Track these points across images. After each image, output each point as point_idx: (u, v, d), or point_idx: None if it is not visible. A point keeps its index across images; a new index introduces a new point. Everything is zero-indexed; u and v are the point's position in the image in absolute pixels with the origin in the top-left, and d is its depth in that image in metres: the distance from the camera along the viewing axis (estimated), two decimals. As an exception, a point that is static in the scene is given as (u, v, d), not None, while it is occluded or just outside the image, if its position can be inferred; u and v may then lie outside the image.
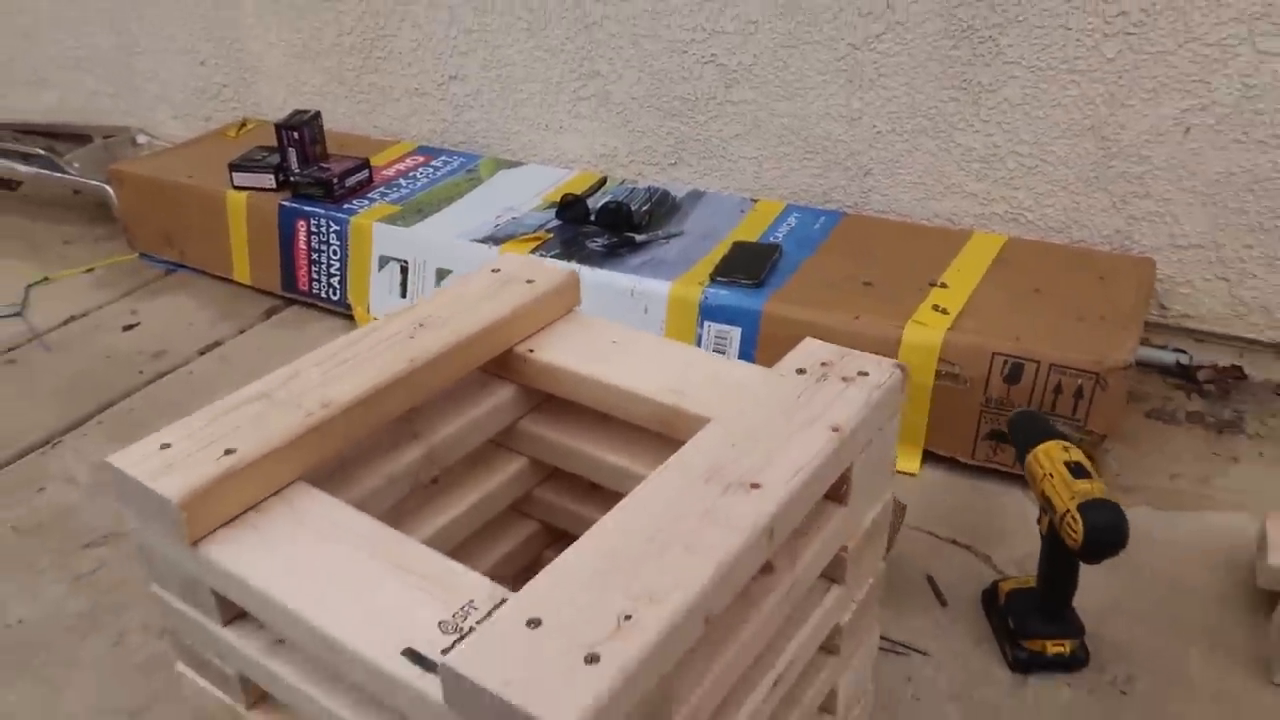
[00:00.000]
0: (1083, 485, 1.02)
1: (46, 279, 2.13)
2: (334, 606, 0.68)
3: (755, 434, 0.77)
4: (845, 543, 0.85)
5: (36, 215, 2.47)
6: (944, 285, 1.53)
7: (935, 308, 1.47)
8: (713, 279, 1.59)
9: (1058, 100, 1.61)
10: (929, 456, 1.48)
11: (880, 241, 1.69)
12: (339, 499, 0.79)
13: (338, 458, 0.88)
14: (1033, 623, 1.13)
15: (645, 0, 1.86)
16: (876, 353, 0.89)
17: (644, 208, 1.81)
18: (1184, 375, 1.67)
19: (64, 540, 1.38)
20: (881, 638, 1.17)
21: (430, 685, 0.62)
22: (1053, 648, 1.11)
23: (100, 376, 1.77)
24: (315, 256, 1.92)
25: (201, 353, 1.84)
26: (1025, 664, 1.13)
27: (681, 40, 1.86)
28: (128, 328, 1.94)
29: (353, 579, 0.70)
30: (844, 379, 0.84)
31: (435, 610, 0.66)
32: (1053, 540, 1.08)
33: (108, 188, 2.25)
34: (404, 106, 2.25)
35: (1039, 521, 1.11)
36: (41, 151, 2.39)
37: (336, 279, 1.91)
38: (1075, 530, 1.00)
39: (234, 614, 0.79)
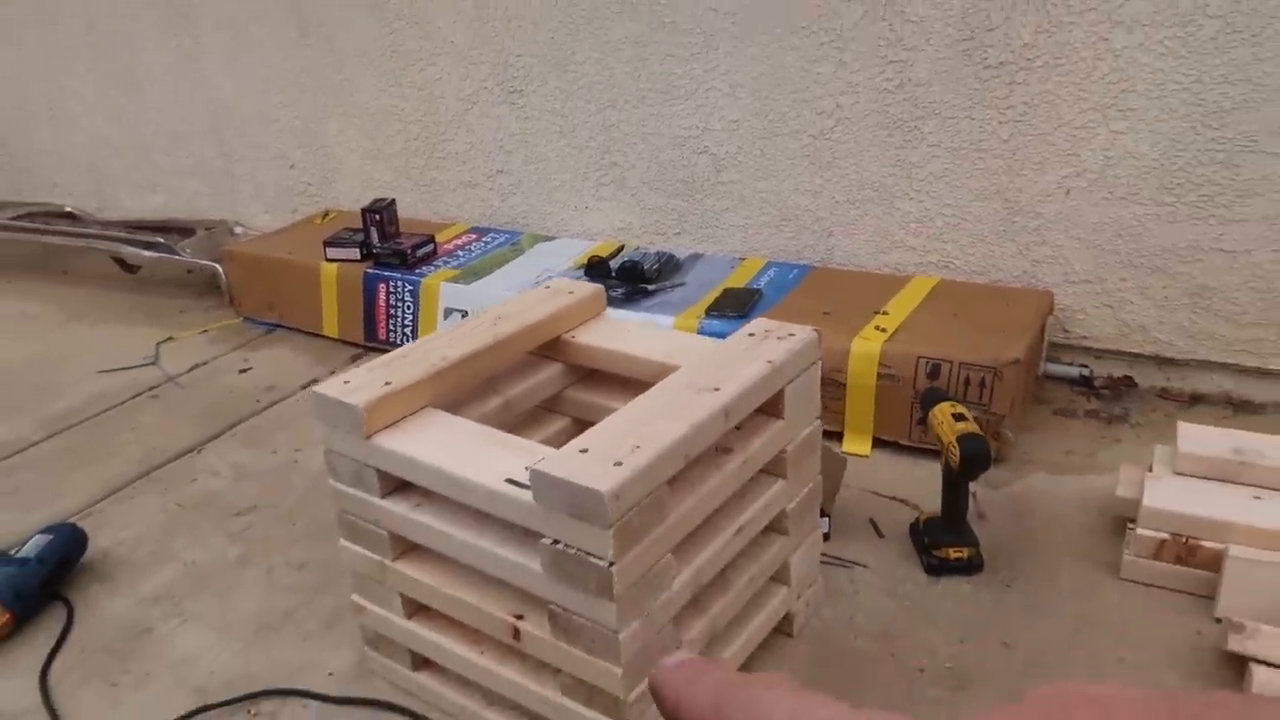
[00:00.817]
0: (960, 425, 1.45)
1: (171, 338, 2.63)
2: (459, 462, 1.12)
3: (719, 365, 1.22)
4: (784, 446, 1.29)
5: (154, 292, 2.98)
6: (885, 313, 1.98)
7: (877, 328, 1.91)
8: (707, 313, 2.04)
9: (969, 172, 2.08)
10: (877, 442, 1.90)
11: (840, 286, 2.16)
12: (456, 414, 1.24)
13: (452, 399, 1.32)
14: (939, 536, 1.54)
15: (651, 106, 2.38)
16: (830, 359, 1.33)
17: (654, 266, 2.29)
18: (1086, 384, 2.10)
19: (217, 512, 1.82)
20: (831, 557, 1.58)
21: (524, 496, 1.05)
22: (954, 554, 1.52)
23: (226, 405, 2.23)
24: (392, 311, 2.40)
25: (303, 387, 2.30)
26: (936, 568, 1.53)
27: (680, 136, 2.37)
28: (242, 370, 2.41)
29: (467, 449, 1.15)
30: (778, 338, 1.29)
31: (521, 459, 1.10)
32: (946, 471, 1.50)
33: (217, 266, 2.76)
34: (459, 196, 2.77)
35: (941, 463, 1.54)
36: (161, 240, 2.92)
37: (409, 328, 2.38)
38: (955, 455, 1.43)
39: (389, 488, 1.22)
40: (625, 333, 1.44)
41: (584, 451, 1.05)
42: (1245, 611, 1.30)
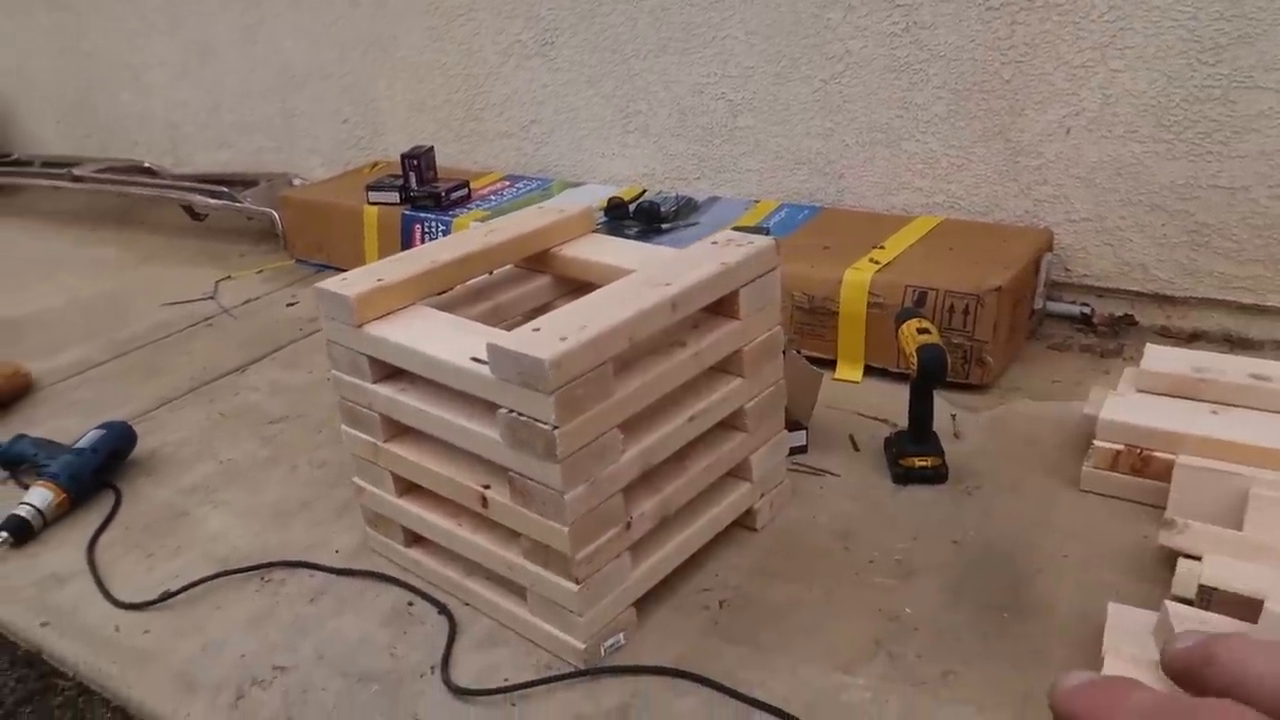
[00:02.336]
0: (922, 338, 1.53)
1: (229, 276, 2.84)
2: (434, 345, 1.26)
3: (676, 266, 1.33)
4: (740, 346, 1.39)
5: (219, 238, 3.20)
6: (882, 248, 2.05)
7: (871, 260, 1.99)
8: (713, 248, 2.14)
9: (973, 113, 2.13)
10: (869, 370, 1.98)
11: (846, 225, 2.23)
12: (439, 309, 1.38)
13: (444, 304, 1.46)
14: (906, 447, 1.62)
15: (672, 56, 2.47)
16: (823, 288, 1.43)
17: (672, 208, 2.40)
18: (1086, 322, 2.13)
19: (254, 420, 2.00)
20: (806, 465, 1.68)
21: (485, 371, 1.18)
22: (919, 462, 1.60)
23: (272, 333, 2.42)
24: (427, 251, 2.55)
25: (343, 319, 2.47)
26: (903, 476, 1.62)
27: (699, 84, 2.46)
28: (289, 304, 2.60)
29: (444, 336, 1.28)
30: (738, 245, 1.39)
31: (485, 342, 1.23)
32: (911, 383, 1.58)
33: (274, 213, 2.96)
34: (496, 145, 2.91)
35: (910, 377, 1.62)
36: (225, 190, 3.13)
37: (442, 267, 2.53)
38: (914, 364, 1.51)
39: (380, 375, 1.36)
40: (608, 246, 1.56)
41: (536, 330, 1.17)
42: (1193, 517, 1.36)
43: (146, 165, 3.71)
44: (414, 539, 1.48)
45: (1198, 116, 1.90)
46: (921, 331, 1.55)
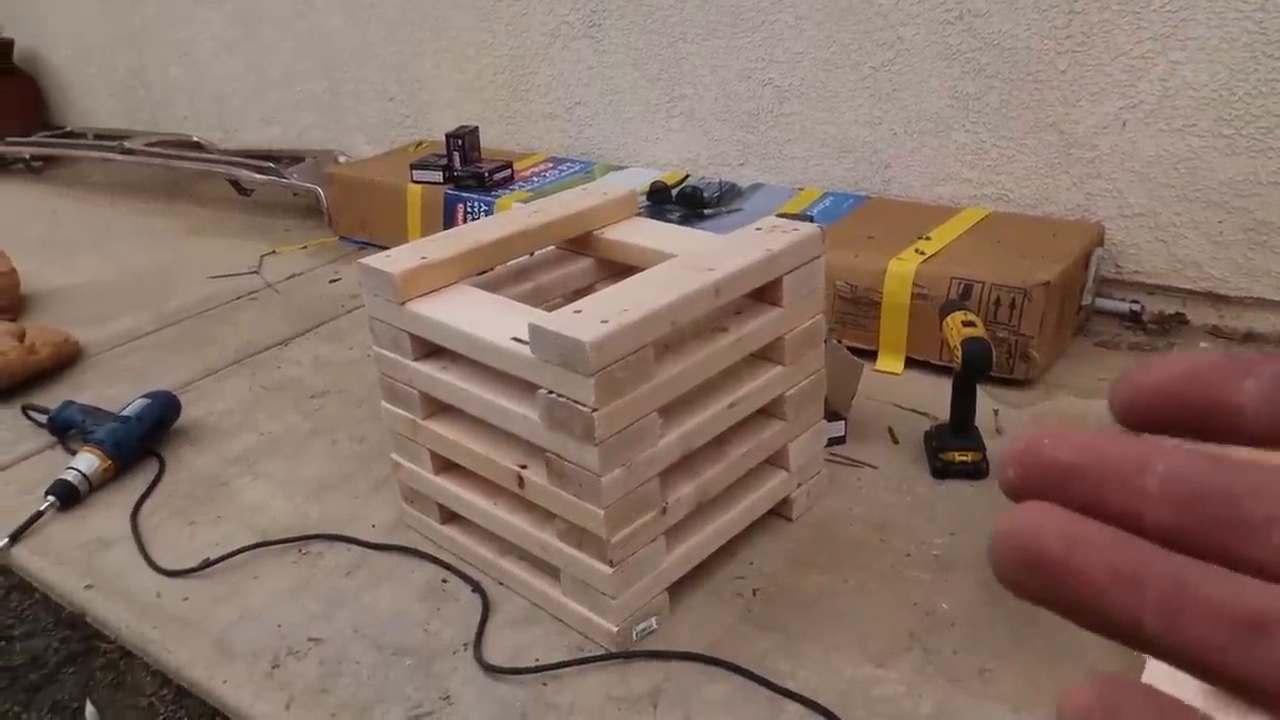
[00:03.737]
0: (967, 330, 1.51)
1: (275, 251, 2.87)
2: (476, 324, 1.26)
3: (720, 251, 1.32)
4: (782, 334, 1.38)
5: (264, 213, 3.24)
6: (928, 239, 2.02)
7: (916, 251, 1.96)
8: (755, 235, 2.12)
9: (1026, 104, 2.09)
10: (910, 362, 1.96)
11: (891, 214, 2.20)
12: (481, 289, 1.38)
13: (487, 283, 1.46)
14: (946, 440, 1.60)
15: (720, 39, 2.45)
16: (867, 278, 1.42)
17: (715, 194, 2.38)
18: (1135, 320, 2.09)
19: (296, 394, 2.03)
20: (843, 456, 1.66)
21: (525, 351, 1.18)
22: (959, 457, 1.58)
23: (315, 308, 2.44)
24: (469, 230, 2.56)
25: (385, 296, 2.49)
26: (942, 471, 1.60)
27: (746, 68, 2.44)
28: (332, 281, 2.63)
29: (486, 315, 1.28)
30: (784, 232, 1.38)
31: (527, 322, 1.23)
32: (955, 376, 1.56)
33: (319, 189, 2.99)
34: (540, 127, 2.91)
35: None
36: (272, 165, 3.16)
37: (484, 247, 2.54)
38: (958, 356, 1.49)
39: (422, 352, 1.37)
40: (651, 230, 1.55)
41: (578, 312, 1.17)
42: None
43: (195, 139, 3.75)
44: (450, 516, 1.49)
45: (1260, 111, 1.85)
46: (966, 324, 1.53)
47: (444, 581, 1.44)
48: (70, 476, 1.67)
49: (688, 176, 2.56)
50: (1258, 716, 0.19)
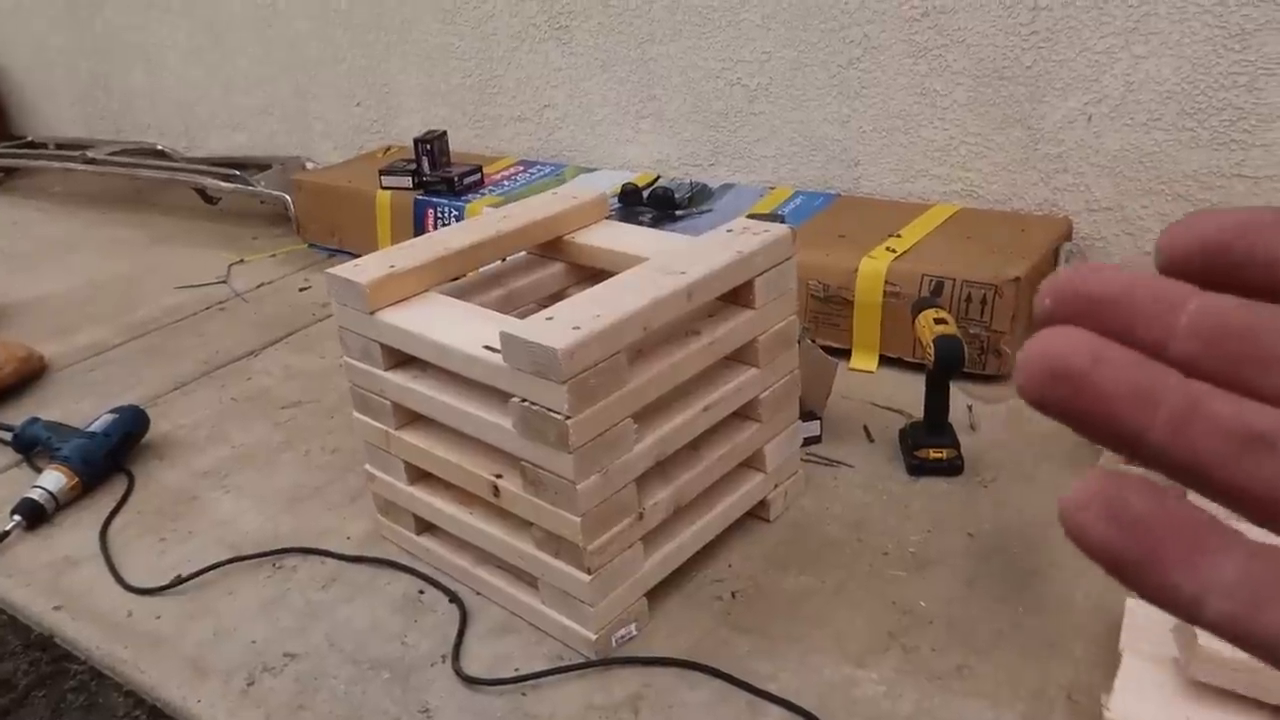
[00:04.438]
0: (939, 328, 1.51)
1: (242, 260, 2.83)
2: (447, 333, 1.25)
3: (691, 254, 1.31)
4: (755, 336, 1.37)
5: (232, 221, 3.20)
6: (899, 236, 2.03)
7: (887, 249, 1.97)
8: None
9: (992, 100, 2.10)
10: (884, 360, 1.97)
11: (861, 212, 2.21)
12: (452, 297, 1.36)
13: (458, 290, 1.45)
14: (921, 438, 1.60)
15: (688, 40, 2.45)
16: (839, 277, 1.41)
17: (686, 195, 2.38)
18: (1104, 313, 2.11)
19: (266, 405, 2.00)
20: (819, 456, 1.66)
21: (497, 360, 1.17)
22: (934, 454, 1.59)
23: (285, 317, 2.42)
24: (440, 236, 2.54)
25: (356, 304, 2.47)
26: (917, 468, 1.60)
27: (715, 69, 2.44)
28: (302, 289, 2.60)
29: (457, 323, 1.27)
30: (754, 233, 1.37)
31: (498, 330, 1.22)
32: (928, 374, 1.56)
33: (287, 196, 2.95)
34: (510, 130, 2.89)
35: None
36: (238, 173, 3.12)
37: (455, 252, 2.52)
38: (931, 354, 1.49)
39: (393, 362, 1.36)
40: (622, 234, 1.55)
41: (550, 319, 1.16)
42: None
43: (160, 148, 3.71)
44: (425, 527, 1.48)
45: (1223, 104, 1.87)
46: (939, 322, 1.53)
47: (421, 593, 1.42)
48: (36, 495, 1.64)
49: (659, 178, 2.56)
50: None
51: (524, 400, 1.15)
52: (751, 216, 2.22)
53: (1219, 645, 1.05)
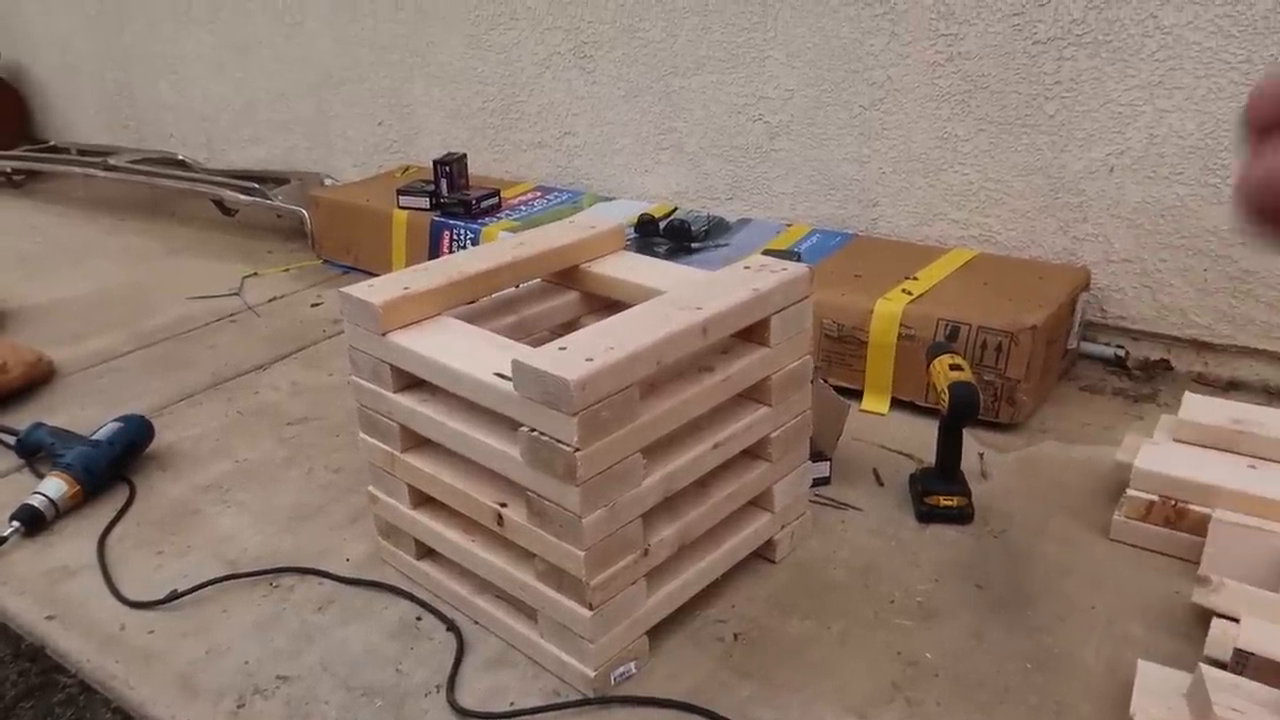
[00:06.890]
0: (954, 375, 1.50)
1: (256, 273, 2.84)
2: (458, 358, 1.23)
3: (708, 290, 1.30)
4: (769, 374, 1.36)
5: (248, 234, 3.21)
6: (915, 279, 2.02)
7: (903, 291, 1.96)
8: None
9: (1014, 147, 2.10)
10: (896, 402, 1.95)
11: (878, 253, 2.20)
12: (465, 321, 1.35)
13: (471, 315, 1.44)
14: (932, 484, 1.58)
15: (711, 74, 2.45)
16: (854, 318, 1.40)
17: (703, 227, 2.37)
18: (1120, 365, 2.09)
19: (273, 420, 1.99)
20: (827, 498, 1.64)
21: (508, 388, 1.16)
22: (944, 501, 1.56)
23: (295, 332, 2.41)
24: (454, 258, 2.54)
25: (367, 322, 2.46)
26: (927, 515, 1.58)
27: (737, 104, 2.44)
28: (314, 305, 2.60)
29: (468, 349, 1.26)
30: (772, 271, 1.36)
31: (512, 358, 1.20)
32: (941, 420, 1.55)
33: (304, 211, 2.96)
34: (529, 155, 2.90)
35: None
36: (256, 186, 3.14)
37: (468, 275, 2.52)
38: (945, 401, 1.47)
39: (402, 384, 1.34)
40: (638, 265, 1.54)
41: (563, 349, 1.15)
42: (1228, 575, 1.32)
43: (180, 158, 3.73)
44: (426, 552, 1.46)
45: (1246, 161, 1.86)
46: (954, 368, 1.52)
47: (418, 619, 1.40)
48: (36, 501, 1.63)
49: (676, 209, 2.56)
50: None
51: (533, 430, 1.14)
52: (767, 253, 2.22)
53: (1234, 715, 1.02)
